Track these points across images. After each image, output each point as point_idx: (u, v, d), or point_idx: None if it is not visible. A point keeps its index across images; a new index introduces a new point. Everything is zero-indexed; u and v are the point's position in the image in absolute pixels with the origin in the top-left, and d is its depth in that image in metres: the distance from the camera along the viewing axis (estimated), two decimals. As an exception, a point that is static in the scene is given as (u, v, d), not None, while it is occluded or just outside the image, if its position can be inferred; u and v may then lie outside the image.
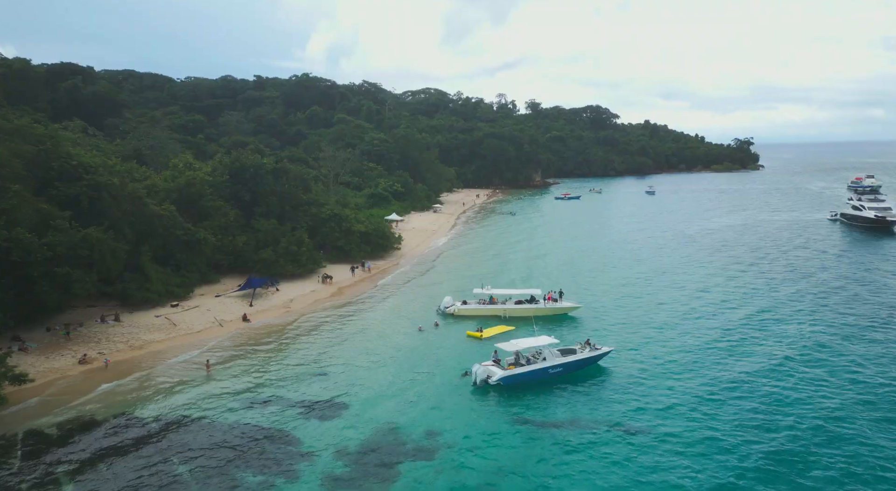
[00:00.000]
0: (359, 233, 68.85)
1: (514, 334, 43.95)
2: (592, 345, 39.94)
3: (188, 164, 61.27)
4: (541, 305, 49.67)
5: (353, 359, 40.44)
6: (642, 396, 34.53)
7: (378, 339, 44.67)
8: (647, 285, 60.60)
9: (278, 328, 47.17)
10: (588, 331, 46.03)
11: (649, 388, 35.76)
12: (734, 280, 62.21)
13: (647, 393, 35.05)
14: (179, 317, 46.82)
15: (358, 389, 35.45)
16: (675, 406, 33.00)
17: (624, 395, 34.89)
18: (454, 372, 38.15)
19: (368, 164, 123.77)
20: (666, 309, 51.97)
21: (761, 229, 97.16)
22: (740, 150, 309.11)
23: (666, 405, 33.20)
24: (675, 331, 46.06)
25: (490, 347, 39.68)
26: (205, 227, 56.96)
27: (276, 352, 41.77)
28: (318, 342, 43.82)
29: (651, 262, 72.83)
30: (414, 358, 40.75)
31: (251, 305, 51.28)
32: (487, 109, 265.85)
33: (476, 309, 50.36)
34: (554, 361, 38.04)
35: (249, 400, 33.90)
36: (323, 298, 56.43)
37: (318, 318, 50.14)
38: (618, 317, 49.82)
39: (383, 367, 39.13)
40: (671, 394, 34.67)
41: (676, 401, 33.67)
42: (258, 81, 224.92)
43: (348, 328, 47.32)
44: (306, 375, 37.61)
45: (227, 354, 41.08)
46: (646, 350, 42.10)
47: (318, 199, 71.16)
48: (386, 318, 50.21)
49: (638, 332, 46.11)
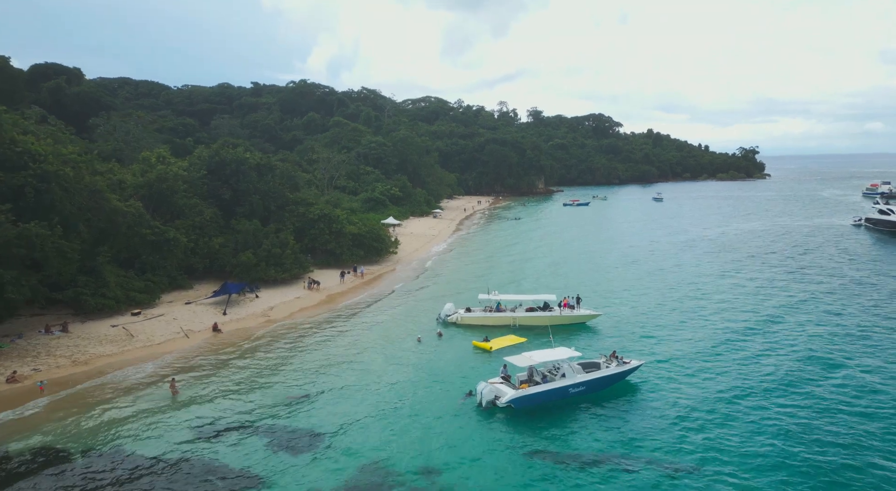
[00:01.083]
0: (350, 235, 62.69)
1: (525, 346, 37.78)
2: (620, 358, 33.73)
3: (161, 157, 55.42)
4: (556, 313, 43.43)
5: (339, 376, 34.20)
6: (682, 420, 28.30)
7: (369, 352, 38.45)
8: (669, 292, 54.37)
9: (254, 340, 40.94)
10: (610, 342, 39.85)
11: (688, 409, 29.56)
12: (765, 286, 55.98)
13: (686, 415, 28.88)
14: (139, 327, 40.61)
15: (342, 414, 29.19)
16: (724, 437, 26.72)
17: (660, 419, 28.63)
18: (457, 391, 31.91)
19: (365, 168, 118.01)
20: (693, 317, 45.77)
21: (785, 234, 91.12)
22: (745, 159, 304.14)
23: (713, 434, 26.96)
24: (707, 341, 39.87)
25: (499, 361, 33.46)
26: (177, 227, 50.93)
27: (249, 368, 35.52)
28: (298, 356, 37.60)
29: (671, 267, 66.66)
30: (410, 375, 34.52)
31: (224, 313, 45.09)
32: (488, 117, 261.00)
33: (482, 317, 44.15)
34: (575, 377, 31.78)
35: (204, 429, 27.63)
36: (309, 305, 50.22)
37: (301, 328, 43.95)
38: (640, 326, 43.63)
39: (373, 385, 32.88)
40: (716, 419, 28.45)
41: (724, 430, 27.41)
42: (255, 88, 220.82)
43: (335, 340, 41.12)
44: (282, 396, 31.37)
45: (189, 371, 34.82)
46: (677, 363, 35.92)
47: (307, 198, 65.15)
48: (379, 328, 44.04)
49: (665, 342, 39.91)
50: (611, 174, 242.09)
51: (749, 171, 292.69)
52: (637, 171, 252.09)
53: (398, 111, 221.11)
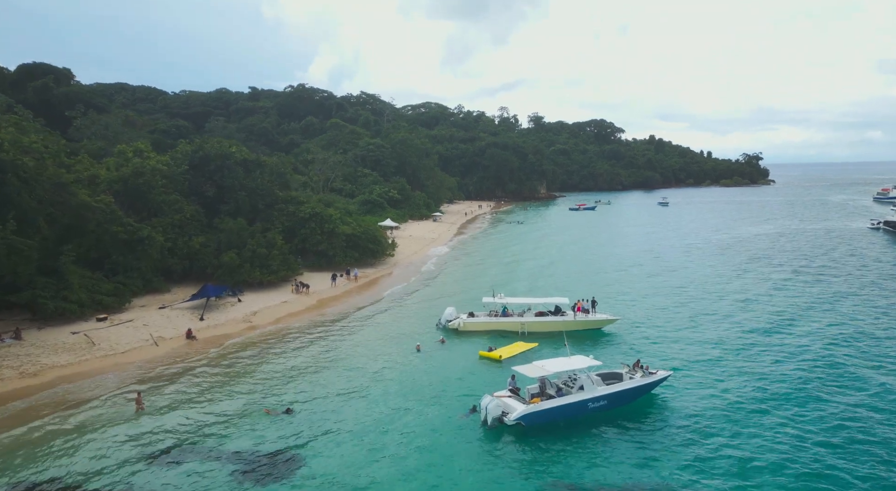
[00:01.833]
0: (344, 235, 58.51)
1: (536, 354, 33.61)
2: (645, 368, 29.49)
3: (138, 151, 51.43)
4: (569, 318, 39.18)
5: (325, 389, 29.97)
6: (718, 441, 24.17)
7: (361, 362, 34.21)
8: (686, 296, 50.12)
9: (232, 348, 36.69)
10: (628, 349, 35.64)
11: (725, 427, 25.50)
12: (788, 289, 51.78)
13: (723, 433, 24.87)
14: (103, 334, 36.36)
15: (324, 435, 24.97)
16: (770, 462, 22.57)
17: (693, 439, 24.55)
18: (458, 407, 27.70)
19: (363, 171, 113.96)
20: (715, 322, 41.58)
21: (801, 237, 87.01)
22: (749, 165, 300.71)
23: (754, 457, 22.87)
24: (735, 348, 35.74)
25: (509, 373, 29.22)
26: (153, 225, 46.81)
27: (224, 379, 31.28)
28: (280, 366, 33.35)
29: (685, 271, 62.46)
30: (406, 388, 30.27)
31: (202, 318, 40.86)
32: (489, 123, 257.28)
33: (486, 322, 39.89)
34: (595, 390, 27.54)
35: (161, 453, 23.38)
36: (296, 310, 45.99)
37: (285, 335, 39.72)
38: (660, 332, 39.40)
39: (364, 400, 28.63)
40: (757, 438, 24.40)
41: (767, 452, 23.31)
42: (253, 93, 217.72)
43: (323, 349, 36.88)
44: (259, 411, 27.15)
45: (155, 382, 30.59)
46: (706, 373, 31.84)
47: (298, 196, 61.05)
48: (373, 335, 39.79)
49: (689, 349, 35.70)
50: (613, 180, 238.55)
51: (753, 177, 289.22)
52: (640, 176, 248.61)
53: (398, 116, 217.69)
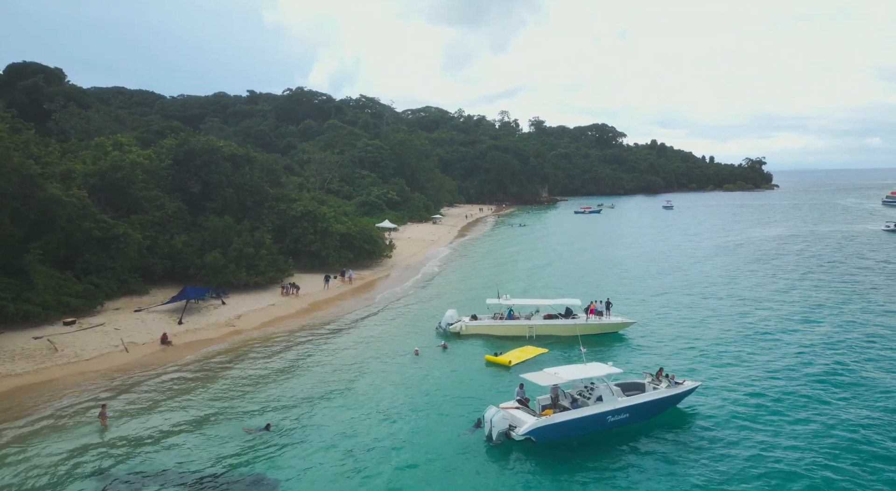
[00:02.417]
0: (338, 235, 55.18)
1: (546, 360, 30.26)
2: (670, 378, 26.11)
3: (118, 144, 48.27)
4: (581, 321, 35.79)
5: (312, 402, 26.59)
6: (757, 463, 20.80)
7: (353, 370, 30.85)
8: (702, 298, 46.74)
9: (211, 355, 33.30)
10: (646, 356, 32.26)
11: (760, 442, 22.32)
12: (810, 292, 48.38)
13: (754, 447, 21.68)
14: (69, 339, 33.01)
15: (308, 454, 21.60)
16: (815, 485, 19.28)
17: (726, 453, 21.39)
18: (460, 420, 24.34)
19: (361, 172, 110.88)
20: (736, 326, 38.22)
21: (817, 239, 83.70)
22: (752, 170, 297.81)
23: (804, 478, 19.58)
24: (759, 353, 32.51)
25: (517, 380, 25.85)
26: (132, 223, 43.55)
27: (200, 390, 27.90)
28: (263, 375, 29.98)
29: (697, 273, 59.12)
30: (403, 398, 26.89)
31: (180, 322, 37.49)
32: (489, 127, 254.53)
33: (490, 326, 36.53)
34: (615, 401, 24.17)
35: (121, 474, 20.01)
36: (285, 314, 42.63)
37: (272, 340, 36.36)
38: (678, 336, 35.99)
39: (355, 413, 25.26)
40: (795, 454, 21.20)
41: (811, 471, 20.01)
42: (251, 96, 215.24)
43: (312, 355, 33.50)
44: (236, 427, 23.78)
45: (121, 394, 27.22)
46: (732, 381, 28.62)
47: (289, 194, 57.81)
48: (368, 341, 36.43)
49: (711, 356, 32.36)
50: (615, 184, 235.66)
51: (756, 181, 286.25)
52: (642, 181, 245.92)
53: (397, 119, 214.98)
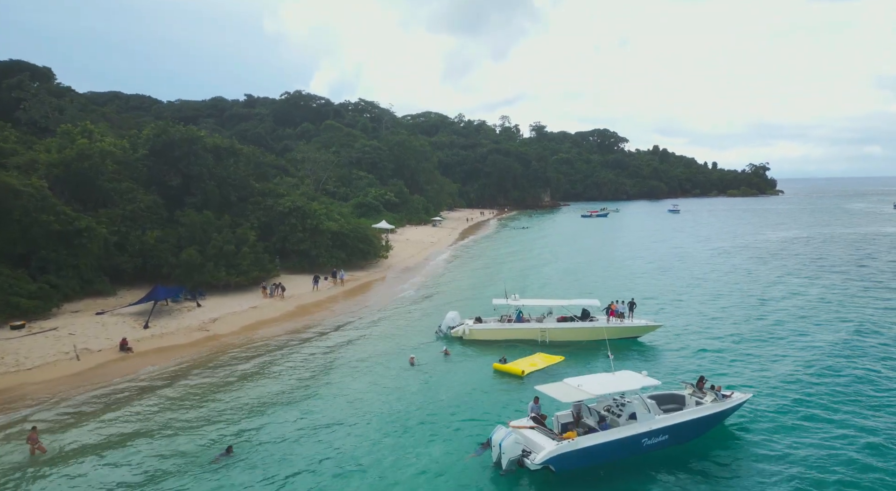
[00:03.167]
0: (329, 233, 51.00)
1: (563, 369, 26.00)
2: (716, 389, 21.81)
3: (86, 131, 44.21)
4: (600, 324, 31.50)
5: (287, 419, 22.32)
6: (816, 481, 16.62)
7: (339, 382, 26.58)
8: (723, 300, 42.48)
9: (176, 363, 29.03)
10: (673, 362, 28.00)
11: (827, 467, 18.07)
12: (837, 293, 44.15)
13: (821, 471, 17.44)
14: (13, 345, 28.71)
15: (278, 485, 17.33)
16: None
17: (786, 480, 17.10)
18: (465, 441, 20.08)
19: (358, 173, 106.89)
20: (769, 329, 34.06)
21: (834, 241, 79.49)
22: (756, 176, 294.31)
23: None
24: (804, 362, 28.17)
25: (531, 392, 21.56)
26: (99, 216, 39.41)
27: (160, 406, 23.63)
28: (236, 388, 25.70)
29: (715, 274, 54.84)
30: (396, 415, 22.61)
31: (146, 325, 33.23)
32: (490, 132, 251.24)
33: (497, 329, 32.22)
34: (653, 420, 19.86)
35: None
36: (267, 318, 38.35)
37: (249, 347, 32.10)
38: (708, 342, 31.64)
39: (339, 432, 21.00)
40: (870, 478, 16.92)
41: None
42: (248, 100, 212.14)
43: (294, 364, 29.23)
44: (201, 451, 19.52)
45: (61, 412, 22.94)
46: (780, 393, 24.35)
47: (277, 189, 53.67)
48: (359, 347, 32.15)
49: (749, 363, 28.15)
50: (618, 189, 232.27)
51: (760, 187, 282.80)
52: (645, 186, 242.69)
53: (397, 124, 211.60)
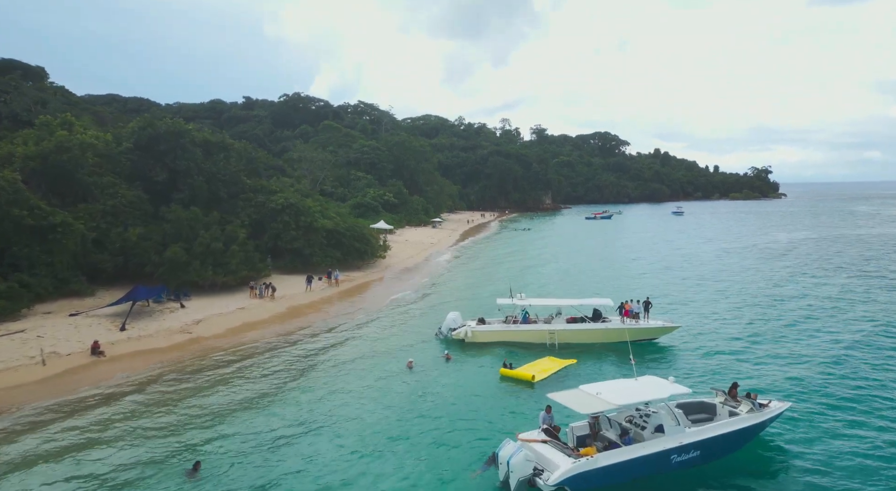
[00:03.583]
0: (324, 231, 48.62)
1: (576, 375, 23.59)
2: (752, 397, 19.37)
3: (66, 123, 41.94)
4: (614, 325, 29.07)
5: (274, 430, 19.91)
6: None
7: (330, 388, 24.17)
8: (737, 300, 40.12)
9: (151, 369, 26.62)
10: (695, 367, 25.57)
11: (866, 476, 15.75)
12: (858, 291, 41.89)
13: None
14: (-26, 347, 26.39)
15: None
16: None
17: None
18: (470, 453, 17.68)
19: (356, 173, 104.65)
20: (793, 330, 31.82)
21: (846, 242, 77.14)
22: (758, 179, 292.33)
23: None
24: (835, 367, 25.82)
25: (543, 400, 19.11)
26: (78, 212, 37.08)
27: (131, 416, 21.23)
28: (216, 397, 23.28)
29: (729, 273, 52.44)
30: (390, 425, 20.18)
31: (123, 327, 30.82)
32: (490, 135, 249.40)
33: (502, 331, 29.77)
34: (681, 434, 17.38)
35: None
36: (257, 319, 35.90)
37: (235, 351, 29.68)
38: (728, 344, 29.21)
39: (328, 446, 18.59)
40: None
41: None
42: (247, 102, 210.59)
43: (281, 369, 26.82)
44: (173, 467, 17.11)
45: (19, 423, 20.53)
46: (815, 402, 21.90)
47: (269, 185, 51.32)
48: (353, 351, 29.74)
49: (774, 368, 25.78)
50: (620, 192, 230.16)
51: (763, 190, 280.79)
52: (647, 189, 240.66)
53: (396, 126, 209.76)
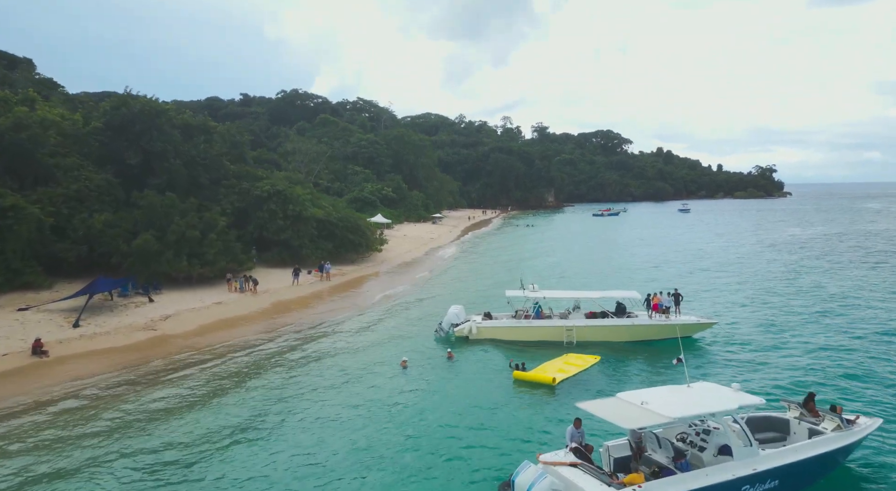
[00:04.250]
0: (314, 221, 44.77)
1: (596, 375, 19.73)
2: (838, 411, 15.34)
3: (27, 99, 38.15)
4: (640, 321, 25.17)
5: (241, 446, 16.06)
6: None
7: (313, 394, 20.32)
8: (769, 295, 36.35)
9: (103, 371, 22.79)
10: (737, 370, 21.68)
11: None
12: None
13: None
14: None
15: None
16: None
17: None
18: (476, 480, 13.77)
19: (354, 168, 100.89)
20: (837, 327, 27.92)
21: (864, 237, 73.40)
22: (763, 178, 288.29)
23: None
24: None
25: (568, 408, 15.12)
26: (37, 196, 33.25)
27: (71, 431, 17.41)
28: (171, 406, 19.45)
29: (751, 268, 48.63)
30: (383, 441, 16.29)
31: (77, 323, 26.98)
32: (491, 132, 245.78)
33: (512, 327, 25.81)
34: (756, 457, 13.20)
35: None
36: (235, 315, 32.02)
37: (207, 350, 25.83)
38: (766, 341, 25.36)
39: (306, 463, 14.71)
40: None
41: None
42: (244, 99, 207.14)
43: (257, 375, 22.95)
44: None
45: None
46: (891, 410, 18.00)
47: (255, 171, 47.49)
48: (342, 350, 25.86)
49: (830, 369, 21.82)
50: (623, 191, 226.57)
51: (767, 189, 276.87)
52: (651, 187, 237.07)
53: (396, 123, 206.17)
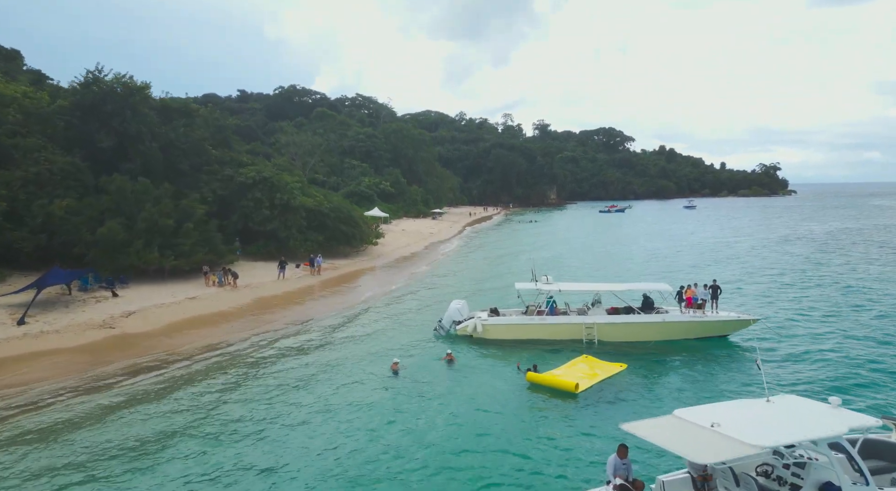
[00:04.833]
0: (304, 210, 41.32)
1: (635, 383, 16.29)
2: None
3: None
4: (672, 316, 21.70)
5: (208, 464, 12.63)
6: None
7: (295, 403, 16.89)
8: (800, 288, 32.94)
9: (42, 379, 19.37)
10: (794, 376, 18.27)
11: None
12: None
13: None
14: None
15: None
16: None
17: None
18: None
19: (351, 162, 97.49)
20: (880, 323, 24.47)
21: (881, 231, 70.12)
22: (767, 176, 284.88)
23: None
24: None
25: (591, 420, 11.57)
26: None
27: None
28: (135, 420, 16.05)
29: (774, 262, 45.21)
30: (357, 461, 12.84)
31: (21, 321, 23.52)
32: (492, 130, 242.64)
33: (522, 324, 22.25)
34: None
35: None
36: (212, 312, 28.49)
37: (172, 351, 22.41)
38: (815, 340, 21.94)
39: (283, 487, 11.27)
40: None
41: None
42: (241, 95, 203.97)
43: (231, 382, 19.50)
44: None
45: None
46: None
47: (239, 157, 44.04)
48: (328, 350, 22.40)
49: None
50: (626, 189, 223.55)
51: (772, 187, 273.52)
52: (654, 185, 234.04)
53: (395, 120, 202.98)
